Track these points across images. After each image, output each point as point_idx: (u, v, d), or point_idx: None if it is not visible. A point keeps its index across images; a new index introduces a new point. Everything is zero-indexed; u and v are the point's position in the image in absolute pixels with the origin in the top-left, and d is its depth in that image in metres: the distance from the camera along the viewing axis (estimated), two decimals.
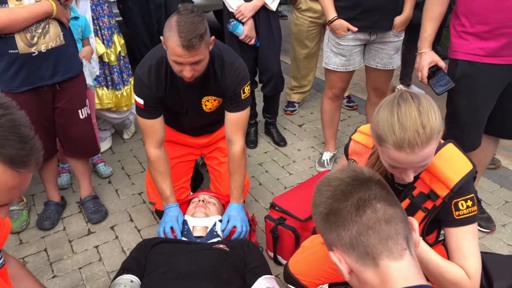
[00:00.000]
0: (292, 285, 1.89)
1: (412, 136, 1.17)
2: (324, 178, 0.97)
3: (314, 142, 3.16)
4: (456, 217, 1.33)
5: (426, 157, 1.23)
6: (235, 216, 2.01)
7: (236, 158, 2.07)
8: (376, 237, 0.86)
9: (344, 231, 0.88)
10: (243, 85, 1.98)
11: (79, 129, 2.21)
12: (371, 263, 0.87)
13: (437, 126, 1.20)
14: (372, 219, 0.87)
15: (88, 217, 2.41)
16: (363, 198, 0.88)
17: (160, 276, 1.65)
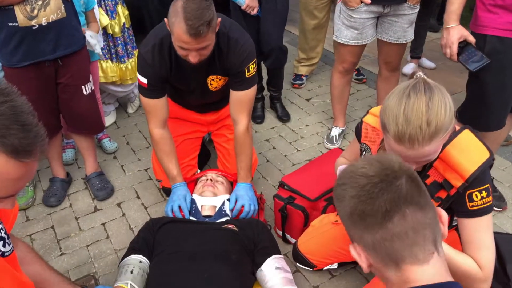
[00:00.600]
0: (301, 264, 1.89)
1: (414, 132, 1.12)
2: (349, 172, 0.86)
3: (322, 117, 3.10)
4: (470, 208, 1.29)
5: (426, 155, 1.17)
6: (243, 196, 1.98)
7: (239, 139, 2.02)
8: (401, 244, 0.80)
9: (367, 234, 0.82)
10: (248, 63, 1.91)
11: (83, 106, 2.16)
12: (393, 266, 0.82)
13: (444, 124, 1.13)
14: (398, 226, 0.80)
15: (94, 194, 2.38)
16: (391, 202, 0.80)
17: (169, 256, 1.63)
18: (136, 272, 1.61)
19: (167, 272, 1.57)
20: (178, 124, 2.30)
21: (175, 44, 1.73)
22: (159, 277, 1.57)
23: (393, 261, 0.82)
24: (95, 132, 2.42)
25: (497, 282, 1.61)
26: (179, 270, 1.56)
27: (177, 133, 2.25)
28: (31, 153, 0.88)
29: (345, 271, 1.91)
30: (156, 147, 2.06)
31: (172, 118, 2.17)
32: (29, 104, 0.91)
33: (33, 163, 0.91)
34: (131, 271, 1.61)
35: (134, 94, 3.13)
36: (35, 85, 1.97)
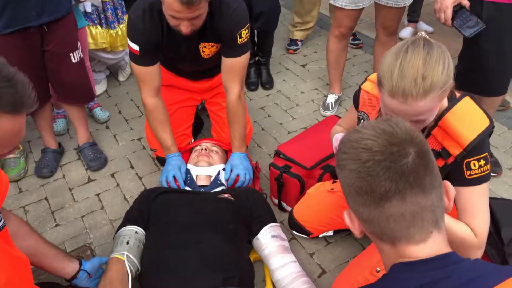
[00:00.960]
0: (296, 231, 1.89)
1: (408, 85, 1.10)
2: (353, 141, 0.80)
3: (318, 84, 3.05)
4: (467, 177, 1.27)
5: (420, 112, 1.14)
6: (237, 165, 1.95)
7: (232, 107, 1.97)
8: (397, 225, 0.77)
9: (363, 208, 0.79)
10: (240, 29, 1.84)
11: (72, 74, 2.09)
12: (388, 242, 0.80)
13: (439, 81, 1.10)
14: (396, 208, 0.75)
15: (87, 164, 2.35)
16: (392, 183, 0.74)
17: (165, 227, 1.62)
18: (132, 243, 1.60)
19: (163, 242, 1.56)
20: (171, 92, 2.24)
21: (166, 14, 1.66)
22: (155, 247, 1.57)
23: (387, 238, 0.79)
24: (86, 102, 2.37)
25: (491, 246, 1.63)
26: (175, 240, 1.56)
27: (170, 101, 2.20)
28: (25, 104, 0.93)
29: (341, 238, 1.92)
30: (149, 116, 2.01)
31: (164, 85, 2.12)
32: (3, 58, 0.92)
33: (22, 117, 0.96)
34: (127, 242, 1.60)
35: (125, 62, 3.05)
36: (20, 54, 1.89)
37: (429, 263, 0.77)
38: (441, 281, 0.75)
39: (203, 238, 1.55)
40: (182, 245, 1.53)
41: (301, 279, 1.59)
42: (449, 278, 0.75)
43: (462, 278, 0.75)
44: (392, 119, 0.81)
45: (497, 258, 1.57)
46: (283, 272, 1.61)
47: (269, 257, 1.66)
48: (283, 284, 1.59)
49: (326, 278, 1.75)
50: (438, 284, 0.75)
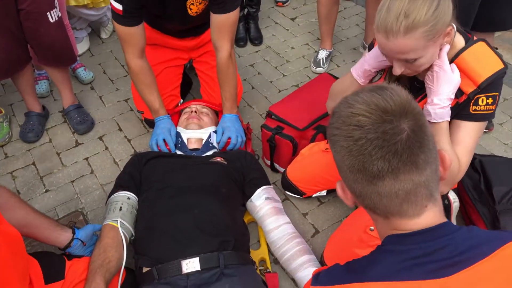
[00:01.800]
0: (290, 192, 1.90)
1: (390, 22, 1.12)
2: (344, 116, 0.77)
3: (308, 38, 2.95)
4: (471, 112, 1.28)
5: (402, 50, 1.15)
6: (229, 127, 1.91)
7: (222, 67, 1.89)
8: (390, 202, 0.75)
9: (355, 185, 0.77)
10: None
11: (50, 35, 1.98)
12: (381, 216, 0.79)
13: (423, 21, 1.11)
14: (388, 187, 0.74)
15: (74, 127, 2.29)
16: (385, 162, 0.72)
17: (158, 193, 1.60)
18: (125, 209, 1.58)
19: (157, 208, 1.55)
20: (156, 51, 2.15)
21: None
22: (148, 213, 1.55)
23: (381, 212, 0.78)
24: (68, 64, 2.26)
25: (482, 205, 1.66)
26: (169, 206, 1.54)
27: (156, 61, 2.12)
28: None
29: (333, 198, 1.93)
30: (135, 79, 1.94)
31: (149, 44, 2.02)
32: None
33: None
34: (120, 208, 1.58)
35: (107, 18, 2.91)
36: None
37: (424, 234, 0.76)
38: (438, 252, 0.74)
39: (197, 203, 1.54)
40: (176, 211, 1.51)
41: (295, 239, 1.60)
42: (446, 248, 0.75)
43: (459, 248, 0.74)
44: (387, 89, 0.77)
45: (489, 216, 1.59)
46: (277, 233, 1.62)
47: (263, 219, 1.66)
48: (278, 245, 1.60)
49: (320, 238, 1.78)
50: (435, 254, 0.74)
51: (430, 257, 0.74)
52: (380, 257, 0.79)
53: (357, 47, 2.85)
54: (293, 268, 1.56)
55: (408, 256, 0.75)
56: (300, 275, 1.54)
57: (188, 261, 1.37)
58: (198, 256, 1.38)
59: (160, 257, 1.40)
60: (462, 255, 0.73)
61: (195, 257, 1.38)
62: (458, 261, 0.72)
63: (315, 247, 1.72)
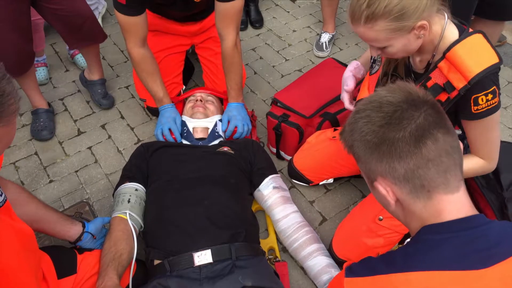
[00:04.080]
0: (296, 180, 1.89)
1: (354, 8, 1.14)
2: (372, 101, 0.83)
3: (310, 21, 2.91)
4: (473, 112, 1.25)
5: (367, 38, 1.18)
6: (235, 116, 1.89)
7: (228, 56, 1.86)
8: (436, 170, 0.78)
9: (399, 164, 0.78)
10: None
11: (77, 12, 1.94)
12: (424, 196, 0.80)
13: (383, 13, 1.10)
14: (433, 150, 0.77)
15: (98, 101, 2.30)
16: (422, 126, 0.78)
17: (166, 184, 1.59)
18: (133, 201, 1.58)
19: (166, 200, 1.54)
20: (158, 37, 2.11)
21: None
22: (158, 205, 1.55)
23: (425, 191, 0.79)
24: (100, 40, 2.16)
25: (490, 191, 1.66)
26: (178, 197, 1.54)
27: (158, 48, 2.08)
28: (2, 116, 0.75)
29: (340, 185, 1.93)
30: (137, 68, 1.90)
31: (151, 31, 1.98)
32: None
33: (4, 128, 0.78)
34: (128, 200, 1.57)
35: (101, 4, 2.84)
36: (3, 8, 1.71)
37: (460, 223, 0.78)
38: (477, 240, 0.76)
39: (206, 194, 1.53)
40: (185, 202, 1.51)
41: (304, 228, 1.61)
42: (482, 238, 0.76)
43: (494, 239, 0.77)
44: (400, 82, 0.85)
45: (496, 203, 1.60)
46: (286, 222, 1.62)
47: (271, 208, 1.66)
48: (287, 234, 1.61)
49: (327, 225, 1.78)
50: (474, 244, 0.76)
51: (469, 247, 0.76)
52: (419, 248, 0.80)
53: None
54: (303, 257, 1.57)
55: (448, 246, 0.77)
56: (309, 263, 1.55)
57: (200, 253, 1.38)
58: (210, 248, 1.38)
59: (172, 250, 1.41)
60: (498, 247, 0.75)
61: (207, 249, 1.38)
62: (495, 253, 0.74)
63: (322, 235, 1.73)
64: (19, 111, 0.80)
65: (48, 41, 2.68)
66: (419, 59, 1.32)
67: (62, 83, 2.49)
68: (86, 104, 2.37)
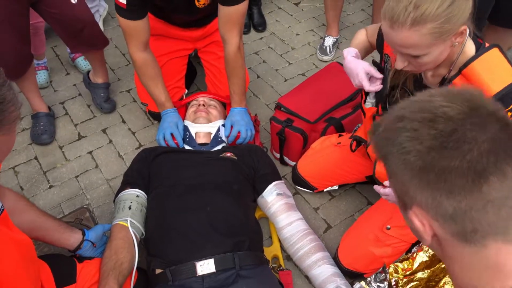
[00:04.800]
0: (300, 186, 1.86)
1: (398, 11, 1.05)
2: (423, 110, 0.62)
3: (313, 24, 2.88)
4: None
5: (405, 43, 1.08)
6: (238, 121, 1.86)
7: (231, 60, 1.83)
8: (497, 214, 0.59)
9: (447, 200, 0.60)
10: None
11: (76, 17, 1.89)
12: (475, 241, 0.62)
13: (434, 15, 1.02)
14: (496, 191, 0.58)
15: (100, 105, 2.27)
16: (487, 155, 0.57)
17: (168, 190, 1.56)
18: (134, 208, 1.54)
19: (168, 206, 1.51)
20: (161, 42, 2.08)
21: None
22: (159, 212, 1.52)
23: (477, 236, 0.61)
24: (102, 45, 2.14)
25: None
26: (180, 204, 1.50)
27: (160, 52, 2.05)
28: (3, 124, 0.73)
29: (345, 192, 1.90)
30: (139, 72, 1.87)
31: (153, 35, 1.95)
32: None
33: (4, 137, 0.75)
34: (129, 207, 1.54)
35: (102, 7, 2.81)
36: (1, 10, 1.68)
37: None
38: None
39: (209, 200, 1.50)
40: (188, 209, 1.48)
41: (308, 236, 1.58)
42: None
43: None
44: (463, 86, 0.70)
45: None
46: (290, 230, 1.59)
47: (275, 215, 1.63)
48: (291, 242, 1.58)
49: (332, 233, 1.75)
50: None
51: None
52: None
53: None
54: (307, 266, 1.54)
55: None
56: (314, 272, 1.52)
57: (203, 262, 1.34)
58: (213, 257, 1.35)
59: (174, 258, 1.37)
60: None
61: (209, 258, 1.35)
62: None
63: (327, 243, 1.70)
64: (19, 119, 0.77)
65: (49, 44, 2.65)
66: (432, 73, 1.27)
67: (62, 87, 2.47)
68: (87, 108, 2.34)
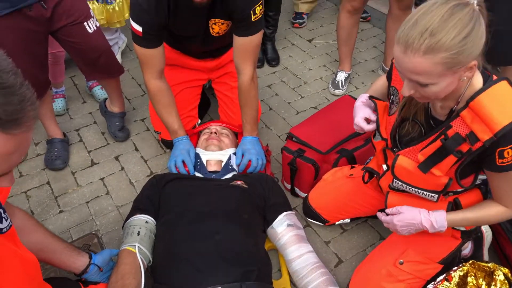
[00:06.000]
0: (311, 218, 1.83)
1: (413, 36, 1.03)
2: None
3: (326, 60, 2.93)
4: (498, 165, 1.18)
5: (416, 70, 1.07)
6: (249, 150, 1.87)
7: (244, 90, 1.86)
8: None
9: None
10: (254, 5, 1.69)
11: (93, 46, 1.93)
12: None
13: (448, 45, 1.02)
14: None
15: (114, 134, 2.31)
16: None
17: (178, 217, 1.55)
18: (143, 233, 1.53)
19: (177, 233, 1.49)
20: (176, 71, 2.12)
21: None
22: (168, 239, 1.50)
23: None
24: (117, 74, 2.17)
25: None
26: (189, 231, 1.48)
27: (175, 81, 2.09)
28: (20, 122, 0.73)
29: (357, 226, 1.86)
30: (153, 99, 1.90)
31: (169, 65, 2.00)
32: (9, 61, 0.74)
33: (24, 134, 0.76)
34: (138, 233, 1.53)
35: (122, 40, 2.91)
36: (19, 36, 1.73)
37: None
38: None
39: (218, 228, 1.48)
40: (197, 237, 1.46)
41: (319, 270, 1.53)
42: None
43: None
44: None
45: None
46: (300, 263, 1.55)
47: (285, 247, 1.60)
48: (301, 275, 1.53)
49: (343, 268, 1.70)
50: None
51: None
52: None
53: (375, 69, 2.82)
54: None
55: None
56: None
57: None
58: (220, 286, 1.31)
59: (181, 287, 1.34)
60: None
61: (216, 287, 1.31)
62: None
63: (338, 278, 1.65)
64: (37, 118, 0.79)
65: (68, 74, 2.73)
66: (441, 105, 1.26)
67: (79, 114, 2.52)
68: (101, 135, 2.37)
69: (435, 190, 1.32)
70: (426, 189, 1.34)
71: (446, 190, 1.31)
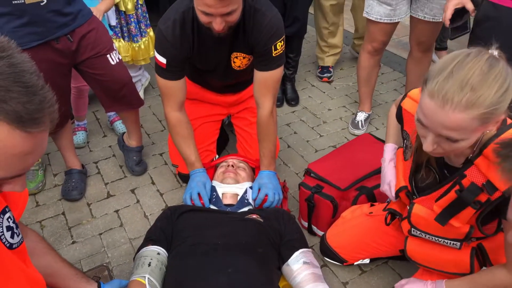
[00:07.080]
0: (329, 258, 1.76)
1: (452, 89, 0.97)
2: None
3: (346, 101, 2.93)
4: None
5: (453, 126, 1.00)
6: (266, 184, 1.84)
7: (263, 124, 1.86)
8: None
9: None
10: (275, 40, 1.73)
11: (115, 77, 1.96)
12: None
13: (488, 100, 0.96)
14: None
15: (131, 168, 2.31)
16: None
17: (190, 249, 1.50)
18: (154, 265, 1.49)
19: (188, 266, 1.44)
20: (196, 105, 2.15)
21: (197, 9, 1.57)
22: (178, 271, 1.45)
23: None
24: (137, 106, 2.19)
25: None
26: (200, 264, 1.43)
27: (195, 115, 2.11)
28: (39, 121, 0.74)
29: (376, 267, 1.77)
30: (172, 131, 1.92)
31: (189, 99, 2.03)
32: (32, 63, 0.76)
33: (42, 134, 0.76)
34: (149, 264, 1.49)
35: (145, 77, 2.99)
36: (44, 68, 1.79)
37: None
38: None
39: (231, 262, 1.43)
40: (209, 270, 1.40)
41: None
42: None
43: None
44: None
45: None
46: None
47: (300, 286, 1.52)
48: None
49: None
50: None
51: None
52: None
53: None
54: None
55: None
56: None
57: None
58: None
59: None
60: None
61: None
62: None
63: None
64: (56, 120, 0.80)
65: (91, 108, 2.79)
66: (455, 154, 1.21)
67: (98, 147, 2.54)
68: (119, 168, 2.38)
69: (456, 238, 1.26)
70: (447, 237, 1.28)
71: (469, 237, 1.24)
